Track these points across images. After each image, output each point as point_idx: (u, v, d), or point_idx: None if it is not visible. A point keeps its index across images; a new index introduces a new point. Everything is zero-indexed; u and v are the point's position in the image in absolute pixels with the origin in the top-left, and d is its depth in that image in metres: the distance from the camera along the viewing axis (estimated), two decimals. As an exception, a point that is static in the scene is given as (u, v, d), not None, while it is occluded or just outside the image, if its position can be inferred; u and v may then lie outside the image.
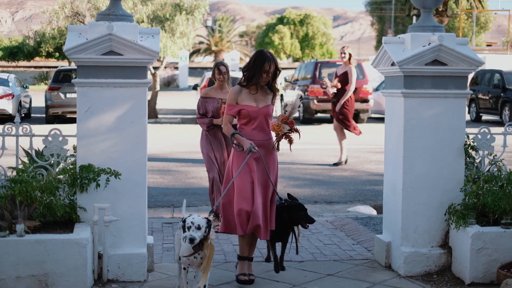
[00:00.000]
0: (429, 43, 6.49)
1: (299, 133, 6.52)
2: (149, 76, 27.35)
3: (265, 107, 6.33)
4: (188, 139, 19.55)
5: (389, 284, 6.35)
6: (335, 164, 14.24)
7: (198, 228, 5.56)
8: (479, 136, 6.84)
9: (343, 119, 14.01)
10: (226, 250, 7.52)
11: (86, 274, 5.83)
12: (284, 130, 6.40)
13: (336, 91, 14.04)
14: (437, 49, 6.43)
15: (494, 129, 7.30)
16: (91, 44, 6.10)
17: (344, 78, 14.00)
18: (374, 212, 10.01)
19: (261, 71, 6.22)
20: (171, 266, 6.80)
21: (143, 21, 24.17)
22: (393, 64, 6.59)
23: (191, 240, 5.53)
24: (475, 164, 6.82)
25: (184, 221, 5.63)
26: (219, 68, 8.92)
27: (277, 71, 6.31)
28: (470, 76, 28.74)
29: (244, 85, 6.31)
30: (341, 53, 14.35)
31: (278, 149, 6.46)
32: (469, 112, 27.86)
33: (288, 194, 6.85)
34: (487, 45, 64.91)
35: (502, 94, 25.44)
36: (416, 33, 6.59)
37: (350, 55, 14.20)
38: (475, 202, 6.47)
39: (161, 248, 7.54)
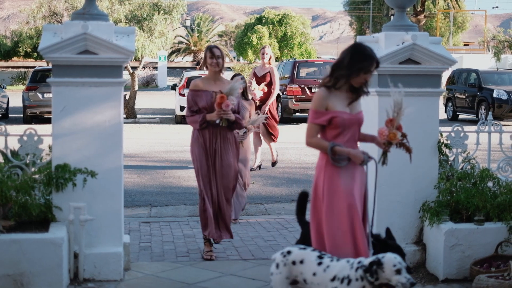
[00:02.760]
0: (403, 42, 6.56)
1: (407, 139, 5.28)
2: (127, 76, 27.29)
3: (359, 114, 5.16)
4: (166, 139, 19.55)
5: (364, 281, 6.39)
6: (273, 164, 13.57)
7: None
8: (453, 134, 6.92)
9: (268, 123, 13.16)
10: (202, 248, 7.54)
11: (62, 274, 5.83)
12: (398, 138, 5.18)
13: (262, 94, 13.02)
14: (410, 48, 6.49)
15: (468, 127, 7.39)
16: (66, 44, 6.10)
17: (265, 80, 13.12)
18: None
19: (359, 71, 5.02)
20: (147, 265, 6.83)
21: (120, 21, 24.10)
22: (367, 63, 6.63)
23: (413, 284, 4.61)
24: (449, 162, 6.90)
25: (376, 263, 4.61)
26: (212, 50, 7.15)
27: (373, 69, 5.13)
28: (447, 75, 28.98)
29: (331, 86, 5.05)
30: (263, 53, 13.17)
31: (386, 163, 5.28)
32: (446, 111, 28.07)
33: (387, 230, 5.50)
34: (464, 45, 65.45)
35: (478, 93, 25.67)
36: (390, 32, 6.66)
37: (270, 56, 13.20)
38: (448, 199, 6.54)
39: (138, 247, 7.55)
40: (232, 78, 8.35)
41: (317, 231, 5.13)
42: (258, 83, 13.00)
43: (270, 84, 13.11)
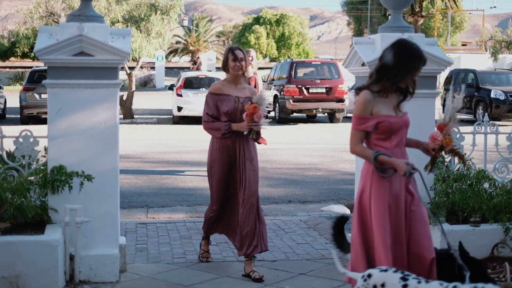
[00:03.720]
0: (399, 44, 6.54)
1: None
2: (124, 76, 27.26)
3: (405, 116, 4.84)
4: (164, 140, 19.54)
5: (360, 282, 6.39)
6: None
7: None
8: (449, 136, 6.90)
9: None
10: (199, 250, 7.53)
11: (58, 275, 5.82)
12: (453, 144, 4.88)
13: None
14: (406, 49, 6.48)
15: (464, 128, 7.39)
16: (62, 45, 6.10)
17: (250, 84, 12.78)
18: (347, 211, 10.05)
19: (408, 71, 4.67)
20: (143, 267, 6.82)
21: (118, 21, 24.10)
22: (363, 65, 6.65)
23: None
24: (445, 163, 6.89)
25: None
26: (235, 53, 6.65)
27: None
28: (445, 75, 29.00)
29: (379, 92, 4.71)
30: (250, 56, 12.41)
31: (433, 171, 5.07)
32: (443, 111, 28.00)
33: (460, 245, 5.02)
34: (462, 45, 65.47)
35: (476, 94, 25.67)
36: (386, 34, 6.66)
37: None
38: (444, 201, 6.54)
39: (134, 248, 7.54)
40: None
41: (362, 243, 4.76)
42: None
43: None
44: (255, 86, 11.93)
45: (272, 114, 25.78)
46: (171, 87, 27.72)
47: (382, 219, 4.65)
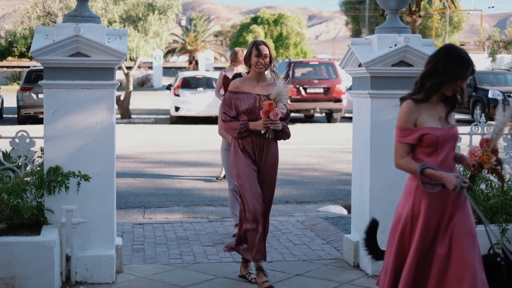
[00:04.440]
0: (396, 44, 6.56)
1: (501, 165, 4.54)
2: (122, 76, 27.23)
3: (453, 128, 4.48)
4: (161, 140, 19.53)
5: (356, 283, 6.40)
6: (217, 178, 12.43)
7: None
8: (446, 136, 6.90)
9: None
10: (195, 251, 7.53)
11: (54, 276, 5.81)
12: (492, 162, 4.43)
13: None
14: (403, 50, 6.49)
15: (461, 129, 7.38)
16: (58, 46, 6.09)
17: None
18: (344, 212, 10.07)
19: (455, 77, 4.33)
20: (140, 268, 6.81)
21: (115, 21, 24.07)
22: (360, 65, 6.64)
23: None
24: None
25: None
26: (259, 48, 6.23)
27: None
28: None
29: (423, 100, 4.38)
30: (242, 55, 11.81)
31: (474, 190, 4.63)
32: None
33: (503, 250, 4.68)
34: (461, 45, 65.41)
35: (473, 94, 25.70)
36: (382, 34, 6.65)
37: None
38: (441, 202, 6.52)
39: (130, 249, 7.53)
40: (232, 78, 8.10)
41: (395, 265, 4.53)
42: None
43: None
44: None
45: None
46: (168, 87, 27.72)
47: (420, 242, 4.37)
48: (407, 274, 4.40)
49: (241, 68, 11.83)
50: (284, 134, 6.28)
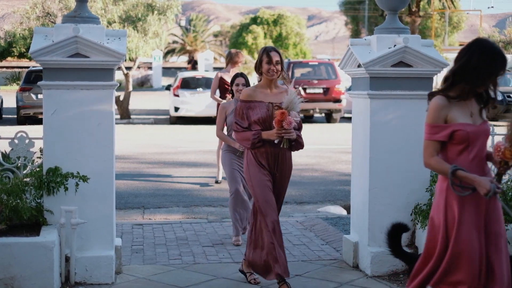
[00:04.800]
0: (395, 45, 6.56)
1: None
2: (121, 76, 27.22)
3: (484, 124, 4.30)
4: (160, 140, 19.52)
5: (356, 284, 6.40)
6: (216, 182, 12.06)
7: None
8: (445, 137, 6.91)
9: None
10: (195, 251, 7.53)
11: (53, 277, 5.81)
12: None
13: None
14: (402, 51, 6.49)
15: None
16: (57, 47, 6.09)
17: None
18: (344, 212, 10.08)
19: (490, 74, 4.16)
20: (139, 268, 6.81)
21: (114, 22, 24.06)
22: (359, 66, 6.65)
23: None
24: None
25: None
26: (270, 55, 6.04)
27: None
28: (442, 76, 28.99)
29: (457, 97, 4.20)
30: (238, 58, 11.85)
31: (501, 189, 4.30)
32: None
33: None
34: (460, 45, 65.45)
35: (473, 94, 25.71)
36: (381, 35, 6.66)
37: None
38: (440, 202, 6.53)
39: (130, 250, 7.53)
40: (233, 79, 8.11)
41: (423, 262, 4.38)
42: (226, 90, 11.47)
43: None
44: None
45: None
46: (168, 87, 27.71)
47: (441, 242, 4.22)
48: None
49: (237, 71, 11.76)
50: (298, 145, 6.15)
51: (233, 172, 7.79)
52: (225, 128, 8.13)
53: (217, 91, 11.91)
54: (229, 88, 11.24)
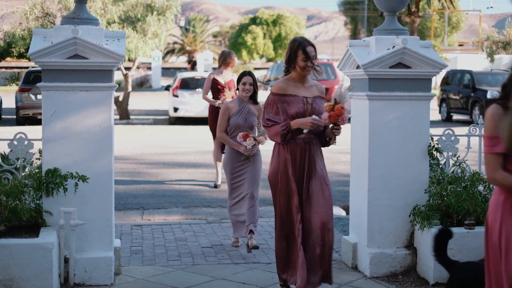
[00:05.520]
0: (393, 46, 6.57)
1: None
2: (121, 77, 27.21)
3: None
4: (160, 141, 19.51)
5: (355, 285, 6.41)
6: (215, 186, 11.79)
7: None
8: (444, 138, 6.93)
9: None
10: (194, 252, 7.53)
11: (52, 278, 5.82)
12: None
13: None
14: (401, 52, 6.50)
15: (460, 130, 7.40)
16: (56, 48, 6.10)
17: (229, 87, 11.37)
18: (343, 213, 10.07)
19: None
20: (138, 269, 6.82)
21: (114, 22, 24.05)
22: (358, 67, 6.66)
23: None
24: (440, 166, 6.91)
25: None
26: (307, 50, 5.66)
27: None
28: (441, 76, 29.02)
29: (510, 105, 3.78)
30: (231, 60, 11.67)
31: None
32: (440, 112, 28.11)
33: None
34: (459, 45, 65.55)
35: (472, 94, 25.70)
36: (380, 36, 6.67)
37: None
38: (439, 203, 6.55)
39: (129, 251, 7.54)
40: (240, 77, 7.72)
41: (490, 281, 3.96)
42: (218, 91, 11.44)
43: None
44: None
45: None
46: (167, 88, 27.69)
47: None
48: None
49: (230, 71, 11.47)
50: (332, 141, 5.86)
51: (233, 180, 7.61)
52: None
53: (209, 93, 11.69)
54: (222, 89, 11.26)
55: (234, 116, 7.63)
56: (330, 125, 5.69)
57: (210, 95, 11.63)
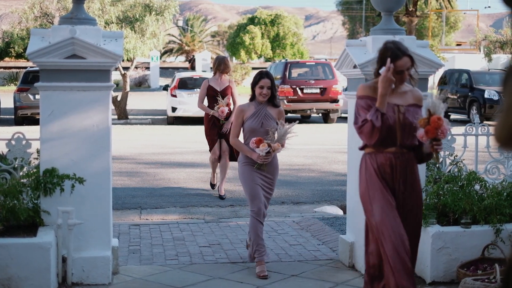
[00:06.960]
0: (390, 46, 6.57)
1: None
2: (119, 77, 27.22)
3: None
4: (158, 141, 19.53)
5: (351, 284, 6.43)
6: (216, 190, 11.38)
7: None
8: (440, 137, 6.93)
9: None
10: (192, 252, 7.55)
11: (50, 278, 5.84)
12: None
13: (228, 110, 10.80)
14: (397, 52, 6.50)
15: (457, 130, 7.43)
16: (54, 48, 6.11)
17: (226, 93, 10.91)
18: (340, 212, 10.10)
19: None
20: (136, 269, 6.84)
21: (112, 22, 24.08)
22: (355, 67, 6.68)
23: None
24: (436, 165, 6.92)
25: None
26: (402, 60, 4.99)
27: None
28: (439, 75, 29.06)
29: None
30: (226, 65, 11.10)
31: None
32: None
33: None
34: (457, 45, 65.60)
35: (469, 94, 25.74)
36: (377, 36, 6.68)
37: None
38: (435, 202, 6.57)
39: (127, 250, 7.56)
40: (258, 79, 6.88)
41: None
42: (214, 99, 10.93)
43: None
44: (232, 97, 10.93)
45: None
46: (165, 88, 27.70)
47: None
48: None
49: (227, 78, 11.00)
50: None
51: (255, 188, 6.74)
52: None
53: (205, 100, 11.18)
54: (218, 97, 10.74)
55: (249, 119, 6.86)
56: (428, 141, 4.88)
57: (206, 103, 11.31)
